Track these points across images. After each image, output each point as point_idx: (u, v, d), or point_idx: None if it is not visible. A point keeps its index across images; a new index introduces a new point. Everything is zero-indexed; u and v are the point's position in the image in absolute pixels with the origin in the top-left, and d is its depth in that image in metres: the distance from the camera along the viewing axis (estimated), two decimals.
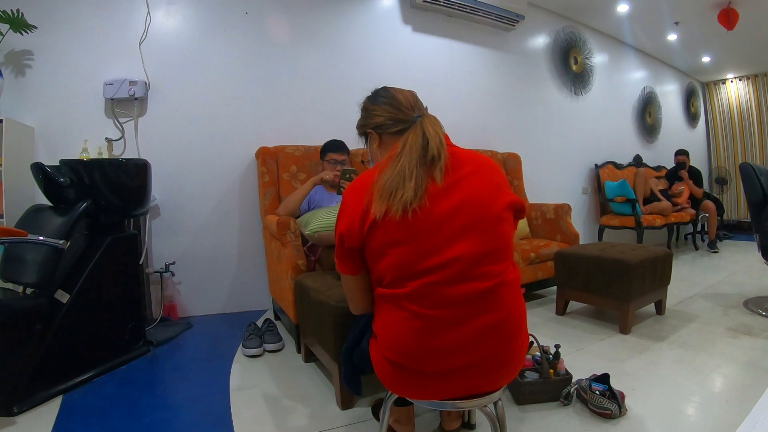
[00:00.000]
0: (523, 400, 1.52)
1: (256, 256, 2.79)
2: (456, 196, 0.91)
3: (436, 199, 0.90)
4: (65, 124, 2.36)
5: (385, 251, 0.91)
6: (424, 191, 0.89)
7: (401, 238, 0.89)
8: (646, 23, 4.56)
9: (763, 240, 2.53)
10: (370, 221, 0.90)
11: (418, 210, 0.88)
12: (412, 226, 0.88)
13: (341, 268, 1.02)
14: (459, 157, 0.97)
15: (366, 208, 0.91)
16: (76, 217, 1.73)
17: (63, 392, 1.63)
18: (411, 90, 1.11)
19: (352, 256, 0.98)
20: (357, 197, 0.94)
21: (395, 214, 0.88)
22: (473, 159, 0.98)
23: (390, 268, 0.92)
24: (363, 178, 0.98)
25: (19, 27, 2.14)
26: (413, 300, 0.89)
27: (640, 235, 4.11)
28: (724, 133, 6.61)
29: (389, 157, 0.97)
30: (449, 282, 0.88)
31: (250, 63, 2.79)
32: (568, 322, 2.42)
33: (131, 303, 1.99)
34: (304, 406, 1.55)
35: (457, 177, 0.93)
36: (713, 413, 1.43)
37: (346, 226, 0.95)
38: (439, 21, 3.52)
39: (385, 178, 0.91)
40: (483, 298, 0.89)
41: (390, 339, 0.94)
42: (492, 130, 3.84)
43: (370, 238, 0.92)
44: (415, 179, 0.89)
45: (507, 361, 0.94)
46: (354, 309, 1.10)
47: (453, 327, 0.89)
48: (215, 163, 2.70)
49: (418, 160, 0.92)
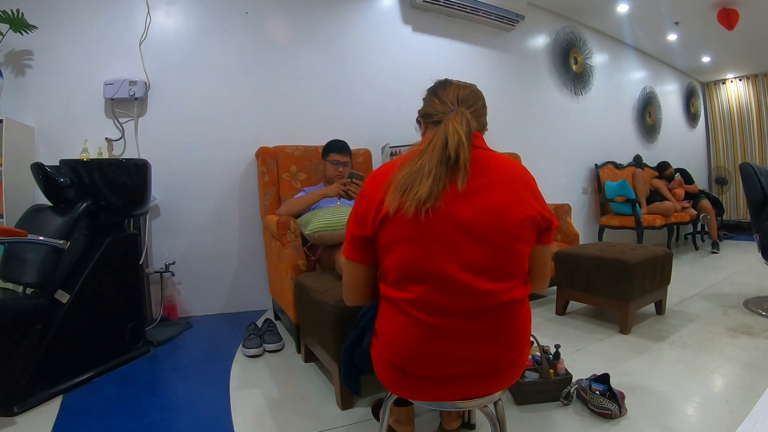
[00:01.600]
0: (523, 400, 1.52)
1: (256, 256, 2.79)
2: (475, 204, 0.87)
3: (453, 203, 0.86)
4: (65, 124, 2.36)
5: (392, 247, 0.89)
6: (440, 192, 0.85)
7: (410, 237, 0.87)
8: (646, 23, 4.56)
9: (763, 240, 2.53)
10: (383, 213, 0.88)
11: (432, 211, 0.84)
12: (423, 226, 0.85)
13: (348, 253, 0.98)
14: (488, 163, 0.92)
15: (382, 199, 0.89)
16: (76, 217, 1.73)
17: (63, 392, 1.63)
18: (472, 85, 1.05)
19: (363, 244, 0.95)
20: (376, 187, 0.92)
21: (408, 211, 0.84)
22: (503, 167, 0.93)
23: (395, 266, 0.90)
24: (385, 168, 0.96)
25: (19, 27, 2.14)
26: (417, 306, 0.88)
27: (640, 235, 4.10)
28: (724, 133, 6.61)
29: (414, 151, 0.93)
30: (454, 292, 0.86)
31: (250, 63, 2.79)
32: (568, 322, 2.42)
33: (131, 303, 1.99)
34: (304, 406, 1.55)
35: (480, 184, 0.88)
36: (713, 413, 1.43)
37: (361, 212, 0.93)
38: (439, 21, 3.52)
39: (404, 172, 0.88)
40: (487, 314, 0.88)
41: (393, 342, 0.93)
42: (492, 130, 3.78)
43: (382, 231, 0.90)
44: (433, 179, 0.85)
45: (508, 368, 0.94)
46: (347, 299, 1.07)
47: (455, 337, 0.88)
48: (215, 163, 2.69)
49: (440, 160, 0.87)
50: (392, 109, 3.24)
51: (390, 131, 3.13)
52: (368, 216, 0.91)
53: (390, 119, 3.21)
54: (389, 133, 3.11)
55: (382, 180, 0.92)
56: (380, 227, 0.90)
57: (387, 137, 3.06)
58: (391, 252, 0.90)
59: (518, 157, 3.63)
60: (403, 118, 3.17)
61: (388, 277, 0.93)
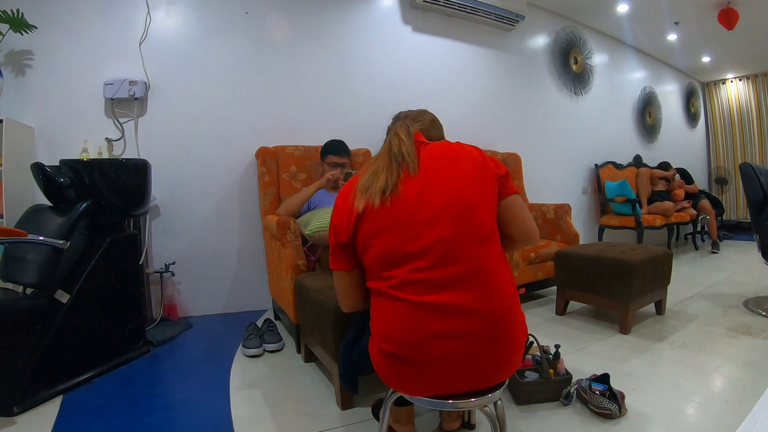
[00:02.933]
0: (523, 400, 1.52)
1: (256, 256, 2.79)
2: (430, 183, 0.98)
3: (410, 187, 0.98)
4: (65, 124, 2.36)
5: (369, 242, 0.98)
6: (396, 180, 0.98)
7: (382, 227, 0.96)
8: (646, 23, 4.56)
9: (763, 240, 2.54)
10: (355, 216, 0.99)
11: (394, 198, 0.96)
12: (390, 214, 0.96)
13: (334, 264, 1.08)
14: (434, 150, 1.05)
15: (351, 204, 1.01)
16: (76, 217, 1.73)
17: (63, 392, 1.63)
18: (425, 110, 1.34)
19: (344, 251, 1.04)
20: (345, 197, 1.05)
21: (373, 203, 0.96)
22: (447, 149, 1.05)
23: (377, 258, 0.97)
24: (351, 181, 1.10)
25: (19, 27, 2.14)
26: (402, 288, 0.94)
27: (640, 235, 4.11)
28: (724, 133, 6.61)
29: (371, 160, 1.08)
30: (433, 266, 0.92)
31: (250, 63, 2.79)
32: (568, 322, 2.42)
33: (131, 303, 1.99)
34: (304, 406, 1.55)
35: (431, 167, 1.00)
36: (713, 413, 1.43)
37: (336, 220, 1.05)
38: (439, 21, 3.52)
39: (364, 178, 1.03)
40: (467, 281, 0.92)
41: (383, 329, 0.98)
42: (492, 130, 3.84)
43: (357, 232, 0.99)
44: (386, 171, 1.00)
45: (501, 347, 0.94)
46: (343, 305, 1.13)
47: (442, 312, 0.91)
48: (215, 163, 2.69)
49: (389, 158, 1.02)
50: (392, 108, 3.16)
51: None
52: (342, 222, 1.02)
53: (390, 119, 3.20)
54: None
55: (348, 191, 1.05)
56: (355, 229, 1.00)
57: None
58: (369, 247, 0.98)
59: (518, 157, 3.63)
60: None
61: (372, 271, 1.01)
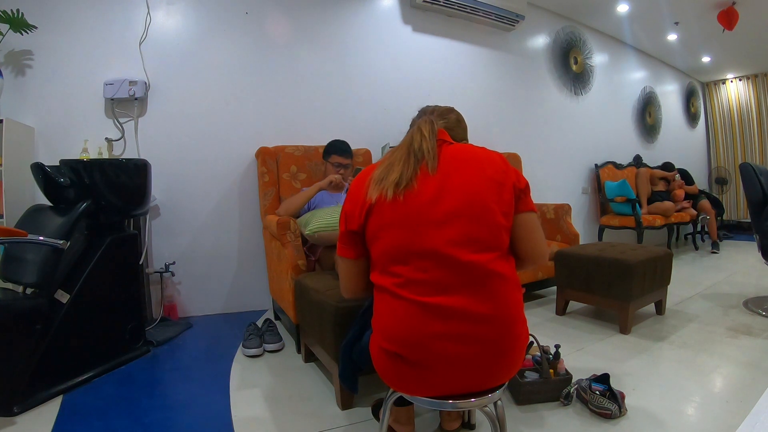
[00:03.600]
0: (523, 400, 1.52)
1: (256, 256, 2.79)
2: (447, 184, 0.96)
3: (427, 185, 0.96)
4: (65, 124, 2.36)
5: (378, 234, 0.97)
6: (411, 175, 0.97)
7: (393, 221, 0.95)
8: (646, 23, 4.56)
9: (763, 240, 2.54)
10: (367, 205, 0.98)
11: (408, 194, 0.95)
12: (403, 209, 0.95)
13: (341, 250, 1.07)
14: (457, 152, 1.03)
15: (365, 194, 1.00)
16: (76, 217, 1.73)
17: (63, 392, 1.63)
18: (452, 108, 1.26)
19: (353, 240, 1.03)
20: (359, 186, 1.04)
21: (386, 195, 0.95)
22: (470, 152, 1.03)
23: (384, 252, 0.97)
24: (367, 170, 1.08)
25: (19, 27, 2.14)
26: (407, 288, 0.93)
27: (640, 235, 4.10)
28: (723, 133, 6.61)
29: (389, 152, 1.07)
30: (440, 267, 0.91)
31: (250, 63, 2.79)
32: (568, 322, 2.42)
33: (131, 303, 1.99)
34: (304, 406, 1.55)
35: (451, 168, 0.99)
36: (713, 413, 1.43)
37: (348, 207, 1.04)
38: (439, 21, 3.52)
39: (380, 168, 1.02)
40: (476, 285, 0.91)
41: (386, 328, 0.97)
42: (492, 130, 3.84)
43: (368, 222, 0.99)
44: (403, 165, 0.99)
45: (502, 352, 0.94)
46: (344, 291, 1.13)
47: (447, 314, 0.90)
48: (215, 163, 2.69)
49: (407, 152, 1.01)
50: (392, 108, 3.23)
51: (390, 131, 3.12)
52: (355, 211, 1.01)
53: (390, 119, 3.21)
54: (389, 132, 3.10)
55: (364, 179, 1.04)
56: (366, 218, 0.99)
57: (387, 137, 3.06)
58: (377, 239, 0.98)
59: (518, 157, 3.63)
60: (403, 118, 3.12)
61: (377, 266, 1.00)
